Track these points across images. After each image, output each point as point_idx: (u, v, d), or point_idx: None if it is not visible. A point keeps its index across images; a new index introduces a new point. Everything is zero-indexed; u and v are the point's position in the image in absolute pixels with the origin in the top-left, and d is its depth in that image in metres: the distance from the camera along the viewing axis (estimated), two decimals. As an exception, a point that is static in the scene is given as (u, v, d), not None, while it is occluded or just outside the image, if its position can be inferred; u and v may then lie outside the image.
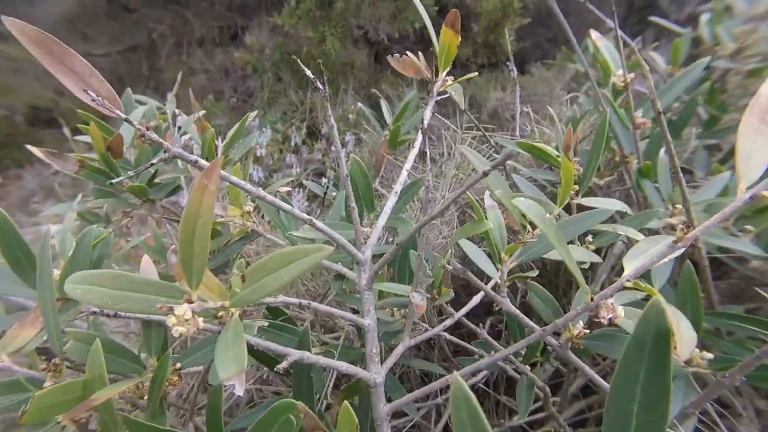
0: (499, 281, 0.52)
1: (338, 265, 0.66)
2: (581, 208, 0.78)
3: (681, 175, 0.69)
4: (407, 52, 0.79)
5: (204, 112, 0.97)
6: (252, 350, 0.61)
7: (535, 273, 0.57)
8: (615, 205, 0.77)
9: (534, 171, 1.09)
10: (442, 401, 1.05)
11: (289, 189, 0.93)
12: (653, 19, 1.28)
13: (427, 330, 0.66)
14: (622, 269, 0.45)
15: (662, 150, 0.87)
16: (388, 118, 1.54)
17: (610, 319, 0.43)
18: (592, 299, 0.45)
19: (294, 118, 3.11)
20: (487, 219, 0.53)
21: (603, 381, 0.56)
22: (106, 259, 0.63)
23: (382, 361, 0.59)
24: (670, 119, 1.20)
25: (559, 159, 0.80)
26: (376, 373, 0.57)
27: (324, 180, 2.22)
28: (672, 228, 0.83)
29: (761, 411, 0.72)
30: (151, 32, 3.64)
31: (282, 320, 0.81)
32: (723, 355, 0.67)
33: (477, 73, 0.81)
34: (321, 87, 0.57)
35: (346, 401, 0.47)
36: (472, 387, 1.01)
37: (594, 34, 0.94)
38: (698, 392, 0.64)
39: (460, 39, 0.75)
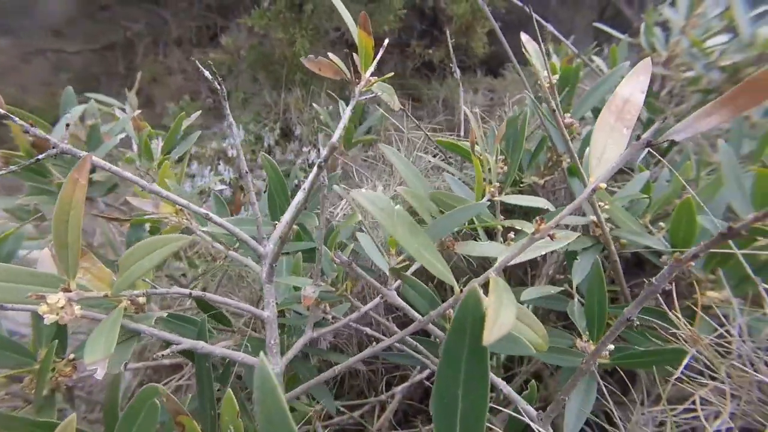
0: (388, 273, 0.54)
1: (248, 260, 0.67)
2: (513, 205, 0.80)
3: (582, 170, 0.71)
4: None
5: (139, 112, 0.97)
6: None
7: (413, 266, 0.58)
8: (538, 202, 0.80)
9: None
10: (386, 398, 1.06)
11: (223, 187, 0.94)
12: (597, 24, 1.31)
13: (334, 320, 0.68)
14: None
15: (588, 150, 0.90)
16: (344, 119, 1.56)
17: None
18: (461, 291, 0.46)
19: (268, 119, 3.12)
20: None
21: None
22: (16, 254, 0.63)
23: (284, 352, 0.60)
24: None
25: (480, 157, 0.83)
26: (274, 364, 0.59)
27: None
28: (596, 225, 0.86)
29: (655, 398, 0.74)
30: (126, 31, 3.63)
31: (212, 314, 0.82)
32: (625, 344, 0.70)
33: (393, 74, 0.82)
34: (219, 87, 0.58)
35: (229, 389, 0.48)
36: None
37: (523, 37, 0.96)
38: (598, 383, 0.66)
39: (373, 42, 0.76)
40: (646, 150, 1.25)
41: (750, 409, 0.50)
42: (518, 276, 1.29)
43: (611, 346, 0.68)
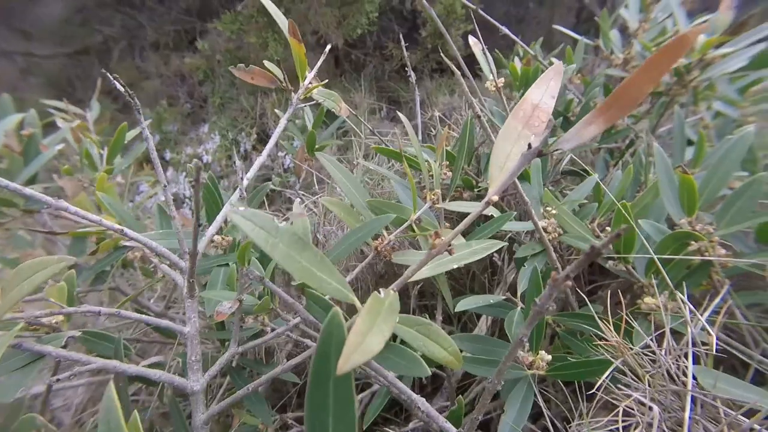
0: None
1: (176, 273, 0.65)
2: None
3: (517, 182, 0.70)
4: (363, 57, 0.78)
5: (78, 122, 0.95)
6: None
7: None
8: (478, 208, 0.79)
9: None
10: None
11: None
12: (555, 27, 1.30)
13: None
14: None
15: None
16: (309, 124, 1.54)
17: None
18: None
19: (245, 123, 3.09)
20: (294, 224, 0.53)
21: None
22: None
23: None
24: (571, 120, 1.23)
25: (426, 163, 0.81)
26: (194, 381, 0.57)
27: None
28: (545, 230, 0.85)
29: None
30: (101, 34, 3.57)
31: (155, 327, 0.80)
32: (562, 354, 0.69)
33: (327, 80, 0.81)
34: (132, 99, 0.56)
35: (135, 412, 0.47)
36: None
37: (471, 40, 0.96)
38: (535, 393, 0.65)
39: (304, 47, 0.75)
40: (604, 152, 1.25)
41: (667, 417, 0.49)
42: (482, 281, 1.29)
43: (548, 357, 0.67)
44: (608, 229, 0.83)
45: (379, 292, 0.38)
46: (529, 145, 0.37)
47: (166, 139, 3.10)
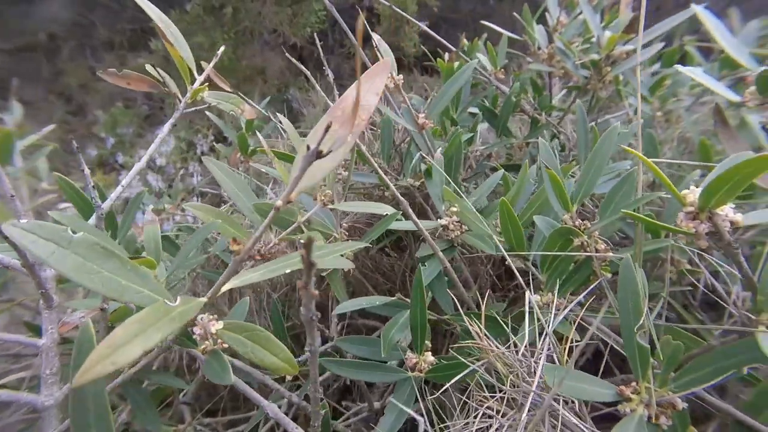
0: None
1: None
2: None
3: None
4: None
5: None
6: None
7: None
8: (371, 207, 0.77)
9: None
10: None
11: (68, 205, 0.89)
12: (483, 22, 1.31)
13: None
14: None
15: (439, 150, 0.89)
16: (243, 126, 1.52)
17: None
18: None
19: (201, 125, 3.04)
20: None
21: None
22: None
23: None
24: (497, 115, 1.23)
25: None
26: (47, 396, 0.55)
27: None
28: (446, 228, 0.84)
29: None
30: (45, 31, 3.43)
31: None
32: (444, 356, 0.68)
33: (208, 84, 0.79)
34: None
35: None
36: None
37: (375, 36, 0.95)
38: (417, 397, 0.64)
39: (188, 51, 0.73)
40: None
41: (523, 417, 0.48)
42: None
43: (431, 358, 0.67)
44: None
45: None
46: (307, 147, 0.36)
47: (120, 142, 3.02)
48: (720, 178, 0.39)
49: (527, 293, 0.69)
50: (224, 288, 0.39)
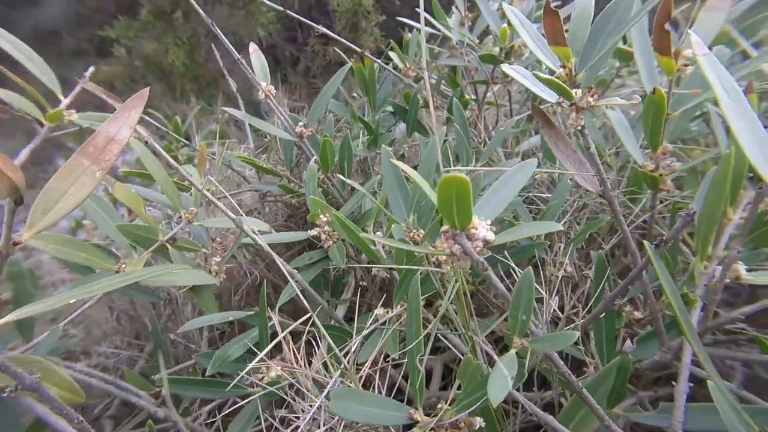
0: None
1: None
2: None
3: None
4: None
5: None
6: None
7: None
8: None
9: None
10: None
11: None
12: (400, 18, 1.28)
13: None
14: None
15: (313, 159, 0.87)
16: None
17: None
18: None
19: (166, 132, 3.03)
20: None
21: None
22: None
23: None
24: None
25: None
26: None
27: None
28: (317, 239, 0.83)
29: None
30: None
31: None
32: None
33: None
34: None
35: None
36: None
37: (251, 47, 0.94)
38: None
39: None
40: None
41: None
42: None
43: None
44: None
45: None
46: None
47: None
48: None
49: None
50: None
